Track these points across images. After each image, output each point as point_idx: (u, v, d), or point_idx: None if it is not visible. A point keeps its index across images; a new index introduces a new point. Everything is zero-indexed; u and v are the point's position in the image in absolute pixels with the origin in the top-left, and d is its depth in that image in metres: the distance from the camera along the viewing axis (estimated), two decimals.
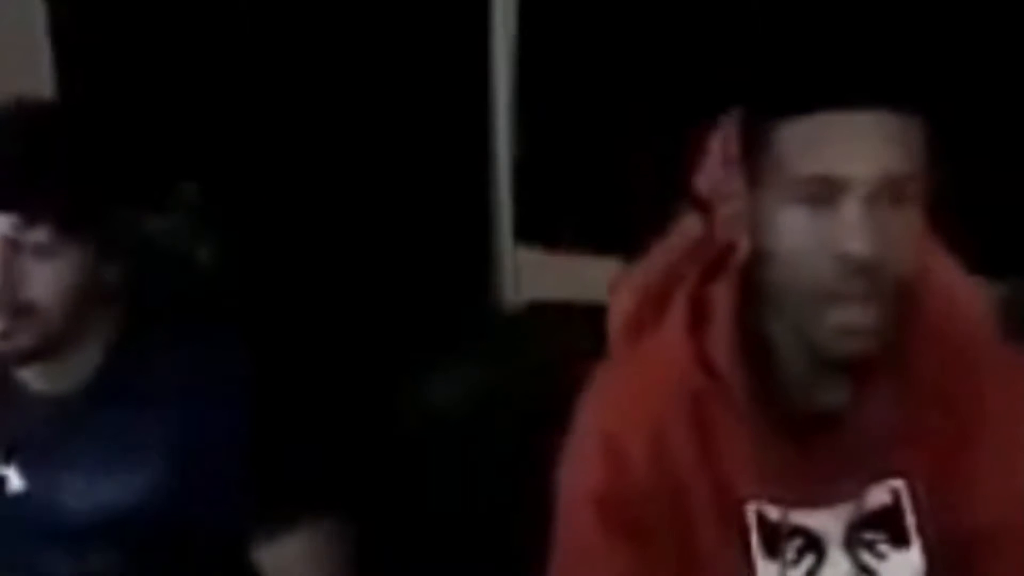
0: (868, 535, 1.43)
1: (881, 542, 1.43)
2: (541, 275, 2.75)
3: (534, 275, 2.78)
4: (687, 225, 1.94)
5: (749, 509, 1.42)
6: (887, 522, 1.43)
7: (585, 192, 2.67)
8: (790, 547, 1.43)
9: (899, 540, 1.43)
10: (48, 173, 1.67)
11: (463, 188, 2.78)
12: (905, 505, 1.42)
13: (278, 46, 2.76)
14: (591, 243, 2.62)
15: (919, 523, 1.42)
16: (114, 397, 1.74)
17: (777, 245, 1.33)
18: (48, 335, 1.69)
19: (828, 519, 1.43)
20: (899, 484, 1.42)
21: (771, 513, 1.42)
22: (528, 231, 2.76)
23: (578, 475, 1.48)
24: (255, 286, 2.13)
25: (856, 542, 1.43)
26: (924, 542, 1.43)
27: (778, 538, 1.42)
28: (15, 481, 1.78)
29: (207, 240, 1.99)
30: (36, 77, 2.81)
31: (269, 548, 1.74)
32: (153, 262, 1.83)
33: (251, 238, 2.28)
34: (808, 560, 1.43)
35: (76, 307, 1.70)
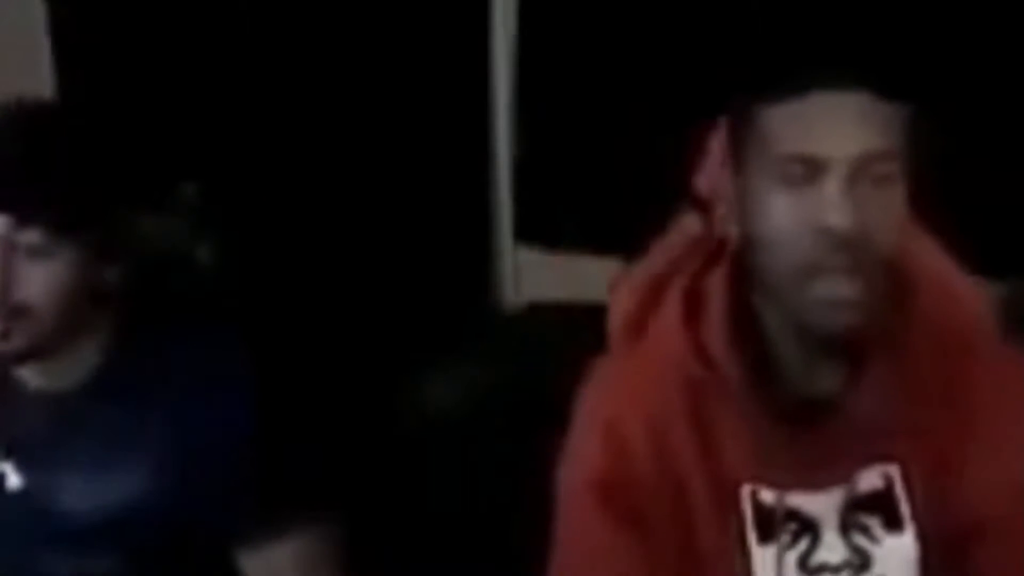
0: (862, 518, 1.46)
1: (875, 526, 1.46)
2: (541, 275, 2.75)
3: (534, 275, 2.78)
4: (686, 224, 1.94)
5: (744, 494, 1.45)
6: (880, 506, 1.46)
7: (585, 192, 2.67)
8: (785, 531, 1.46)
9: (893, 524, 1.46)
10: (41, 174, 1.67)
11: (463, 188, 2.78)
12: (898, 490, 1.45)
13: (278, 46, 2.76)
14: (591, 243, 2.62)
15: (913, 509, 1.45)
16: (112, 396, 1.74)
17: (763, 227, 1.37)
18: (43, 336, 1.69)
19: (822, 502, 1.46)
20: (892, 469, 1.45)
21: (766, 497, 1.45)
22: (528, 231, 2.76)
23: (579, 463, 1.52)
24: (255, 286, 2.13)
25: (850, 525, 1.46)
26: (918, 528, 1.45)
27: (773, 522, 1.45)
28: (13, 478, 1.78)
29: (207, 240, 1.99)
30: (36, 77, 2.81)
31: (264, 550, 1.74)
32: (153, 262, 1.83)
33: (251, 238, 2.29)
34: (803, 543, 1.46)
35: (72, 308, 1.70)
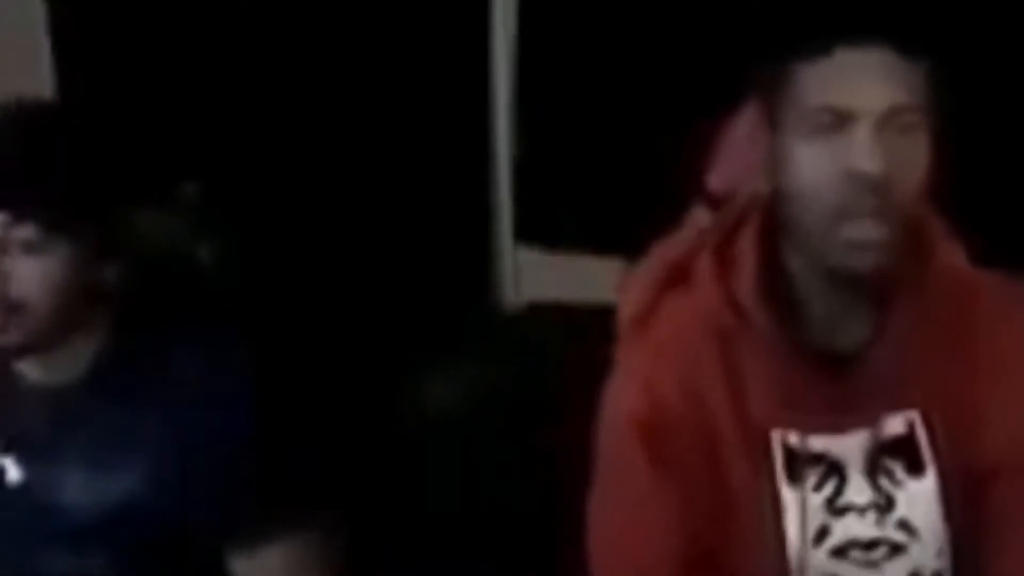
0: (886, 462, 1.54)
1: (898, 470, 1.54)
2: (541, 275, 2.75)
3: (534, 275, 2.78)
4: (696, 219, 1.95)
5: (774, 438, 1.53)
6: (903, 450, 1.53)
7: (585, 192, 2.67)
8: (813, 472, 1.53)
9: (915, 468, 1.53)
10: (36, 171, 1.67)
11: (463, 188, 2.78)
12: (919, 435, 1.53)
13: (278, 46, 2.76)
14: (591, 243, 2.62)
15: (934, 453, 1.53)
16: (110, 392, 1.74)
17: (795, 176, 1.45)
18: (38, 331, 1.69)
19: (848, 446, 1.53)
20: (914, 415, 1.53)
21: (794, 441, 1.53)
22: (528, 231, 2.76)
23: (620, 408, 1.59)
24: (255, 286, 2.13)
25: (876, 468, 1.53)
26: (939, 471, 1.53)
27: (800, 464, 1.53)
28: (13, 473, 1.78)
29: (207, 239, 1.99)
30: (36, 77, 2.81)
31: (259, 550, 1.74)
32: (153, 261, 1.84)
33: (251, 238, 2.28)
34: (831, 485, 1.53)
35: (67, 304, 1.70)
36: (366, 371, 2.44)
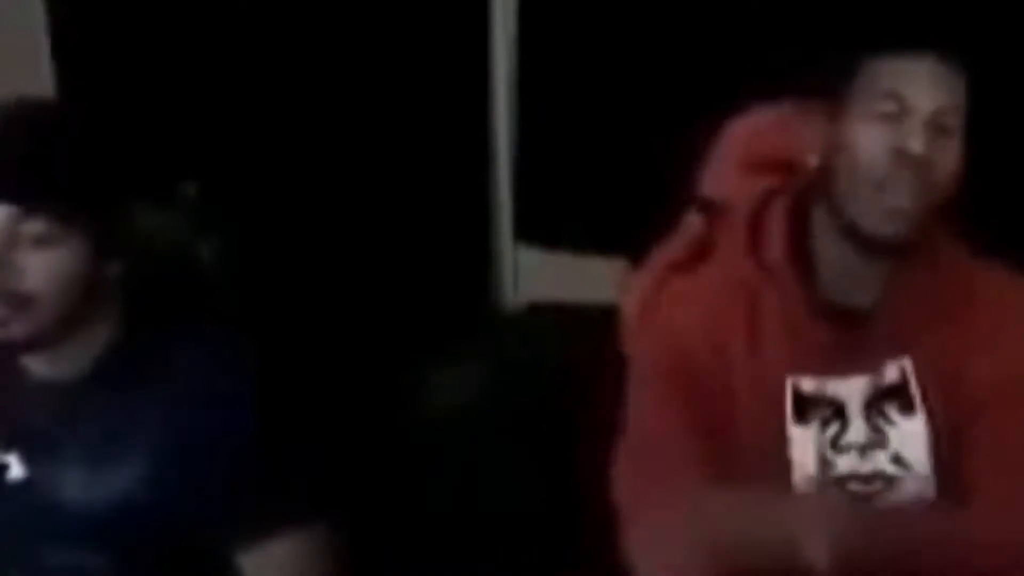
0: (883, 405, 1.77)
1: (892, 411, 1.77)
2: (541, 275, 2.76)
3: (534, 275, 2.78)
4: (690, 224, 1.97)
5: (787, 382, 1.76)
6: (898, 393, 1.77)
7: (585, 192, 2.67)
8: (819, 414, 1.76)
9: (907, 409, 1.77)
10: (46, 164, 1.67)
11: (463, 188, 2.78)
12: (911, 380, 1.76)
13: (278, 46, 2.76)
14: (591, 243, 2.62)
15: (924, 396, 1.76)
16: (112, 389, 1.74)
17: (853, 153, 1.70)
18: (45, 325, 1.69)
19: (851, 391, 1.77)
20: (908, 363, 1.76)
21: (805, 386, 1.76)
22: (528, 231, 2.76)
23: (650, 356, 1.83)
24: (256, 285, 2.13)
25: (873, 411, 1.77)
26: (928, 412, 1.76)
27: (809, 406, 1.76)
28: (16, 469, 1.78)
29: (208, 238, 1.99)
30: (36, 77, 2.81)
31: (262, 548, 1.74)
32: (155, 259, 1.84)
33: (253, 238, 2.28)
34: (834, 426, 1.76)
35: (74, 299, 1.70)
36: (366, 370, 2.44)
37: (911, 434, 1.76)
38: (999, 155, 2.26)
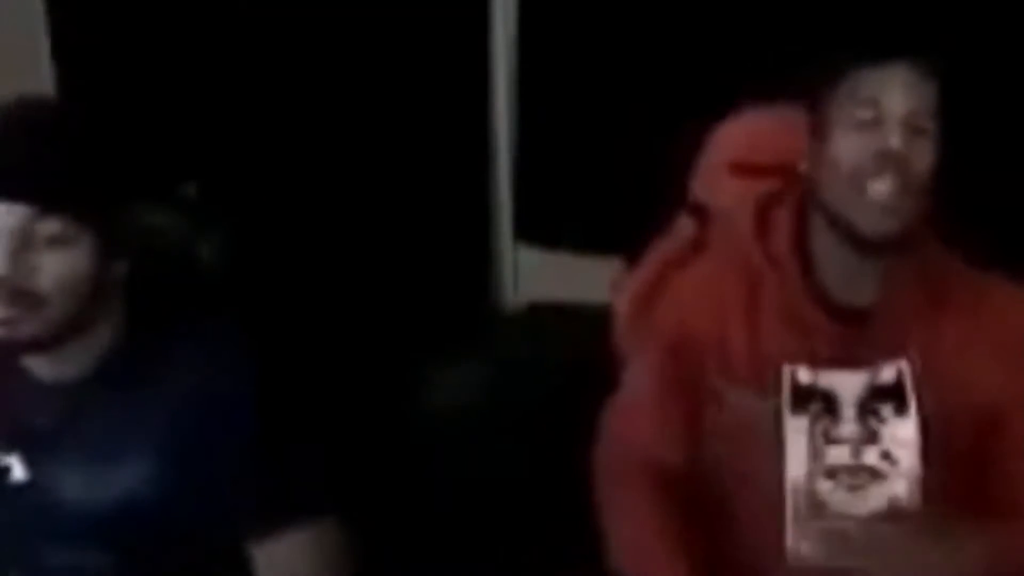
0: (876, 403, 1.83)
1: (885, 409, 1.83)
2: (541, 275, 2.76)
3: (534, 275, 2.78)
4: (681, 227, 1.99)
5: (784, 371, 1.83)
6: (892, 394, 1.83)
7: (585, 192, 2.67)
8: (813, 404, 1.83)
9: (900, 409, 1.83)
10: (61, 164, 1.67)
11: (463, 188, 2.78)
12: (907, 381, 1.83)
13: (278, 45, 2.76)
14: (591, 243, 2.63)
15: (917, 397, 1.82)
16: (115, 389, 1.74)
17: (837, 157, 1.78)
18: (53, 325, 1.69)
19: (846, 385, 1.83)
20: (904, 365, 1.83)
21: (801, 376, 1.83)
22: (528, 231, 2.76)
23: (657, 331, 1.93)
24: (257, 285, 2.13)
25: (866, 409, 1.83)
26: (920, 414, 1.82)
27: (803, 396, 1.83)
28: (18, 471, 1.78)
29: (209, 238, 1.99)
30: (36, 77, 2.82)
31: (265, 546, 1.74)
32: (156, 259, 1.84)
33: (253, 238, 2.29)
34: (826, 418, 1.83)
35: (84, 298, 1.70)
36: (366, 370, 2.44)
37: (902, 434, 1.83)
38: (983, 162, 2.29)
